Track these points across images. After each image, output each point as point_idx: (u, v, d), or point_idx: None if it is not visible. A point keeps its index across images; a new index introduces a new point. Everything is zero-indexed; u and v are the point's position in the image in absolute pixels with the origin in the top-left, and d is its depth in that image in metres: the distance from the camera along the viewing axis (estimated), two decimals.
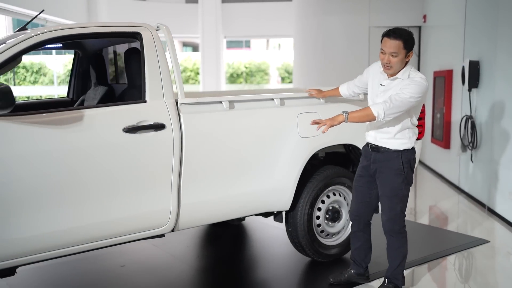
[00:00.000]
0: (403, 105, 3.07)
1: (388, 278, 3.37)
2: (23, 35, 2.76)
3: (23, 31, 3.29)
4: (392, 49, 3.08)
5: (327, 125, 3.14)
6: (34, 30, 2.84)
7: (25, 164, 2.59)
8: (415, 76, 3.16)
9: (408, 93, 3.06)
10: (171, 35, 3.26)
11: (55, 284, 3.62)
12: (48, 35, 2.80)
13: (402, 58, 3.12)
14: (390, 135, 3.26)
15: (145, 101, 3.05)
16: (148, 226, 3.06)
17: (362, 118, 3.14)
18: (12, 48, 2.68)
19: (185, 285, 3.68)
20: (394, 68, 3.15)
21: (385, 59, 3.13)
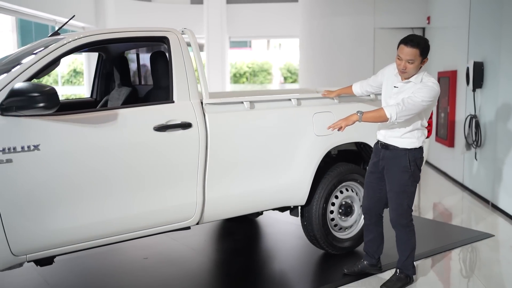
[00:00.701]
0: (415, 108, 3.26)
1: (399, 268, 3.56)
2: (62, 40, 2.95)
3: (56, 36, 3.50)
4: (409, 57, 3.26)
5: (342, 126, 3.33)
6: (71, 35, 3.03)
7: (69, 159, 2.78)
8: (428, 80, 3.34)
9: (420, 97, 3.25)
10: (195, 38, 3.46)
11: (83, 274, 3.81)
12: (86, 39, 3.00)
13: (418, 65, 3.30)
14: (399, 134, 3.45)
15: (173, 101, 3.25)
16: (175, 219, 3.25)
17: (375, 118, 3.33)
18: (53, 52, 2.88)
19: (205, 276, 3.89)
20: (409, 73, 3.33)
21: (401, 65, 3.31)
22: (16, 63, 2.98)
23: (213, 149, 3.32)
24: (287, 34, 15.68)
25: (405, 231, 3.49)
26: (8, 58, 3.42)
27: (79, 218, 2.86)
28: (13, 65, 3.11)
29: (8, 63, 3.23)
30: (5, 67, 3.16)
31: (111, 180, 2.95)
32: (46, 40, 3.40)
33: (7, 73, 2.82)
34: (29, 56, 3.10)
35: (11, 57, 3.42)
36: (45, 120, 2.75)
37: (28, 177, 2.68)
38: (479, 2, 6.21)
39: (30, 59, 2.84)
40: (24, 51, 3.32)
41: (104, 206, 2.94)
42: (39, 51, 2.97)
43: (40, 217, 2.74)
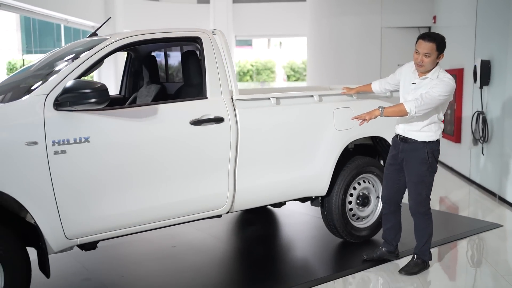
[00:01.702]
0: (432, 103, 3.49)
1: (416, 254, 3.80)
2: (106, 41, 3.18)
3: (94, 36, 3.74)
4: (426, 50, 3.50)
5: (366, 119, 3.56)
6: (114, 36, 3.25)
7: (116, 151, 3.01)
8: (444, 76, 3.58)
9: (437, 92, 3.48)
10: (225, 38, 3.69)
11: (117, 260, 4.04)
12: (129, 40, 3.23)
13: (434, 59, 3.54)
14: (417, 128, 3.68)
15: (206, 97, 3.47)
16: (209, 207, 3.48)
17: (396, 113, 3.56)
18: (99, 52, 3.10)
19: (231, 262, 4.12)
20: (425, 67, 3.56)
21: (418, 58, 3.55)
22: (63, 63, 3.21)
23: (243, 142, 3.54)
24: (292, 33, 15.91)
25: (423, 218, 3.73)
26: (46, 60, 3.66)
27: (124, 205, 3.09)
28: (55, 66, 3.35)
29: (50, 64, 3.48)
30: (46, 69, 3.41)
31: (152, 170, 3.17)
32: (85, 41, 3.64)
33: (56, 73, 3.03)
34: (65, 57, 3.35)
35: (49, 59, 3.66)
36: (94, 114, 2.98)
37: (80, 167, 2.91)
38: (486, 2, 6.44)
39: (79, 59, 3.06)
40: (66, 51, 3.55)
41: (146, 194, 3.17)
42: (84, 51, 3.19)
43: (90, 204, 2.96)
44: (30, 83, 3.28)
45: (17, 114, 2.79)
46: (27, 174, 2.74)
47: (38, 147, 2.77)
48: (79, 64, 3.03)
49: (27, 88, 3.09)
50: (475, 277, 3.86)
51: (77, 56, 3.22)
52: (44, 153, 2.79)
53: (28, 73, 3.58)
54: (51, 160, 2.81)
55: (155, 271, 3.83)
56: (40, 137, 2.78)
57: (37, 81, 3.21)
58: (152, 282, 3.63)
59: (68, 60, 3.31)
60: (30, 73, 3.54)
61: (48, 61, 3.63)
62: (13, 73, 3.83)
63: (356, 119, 3.64)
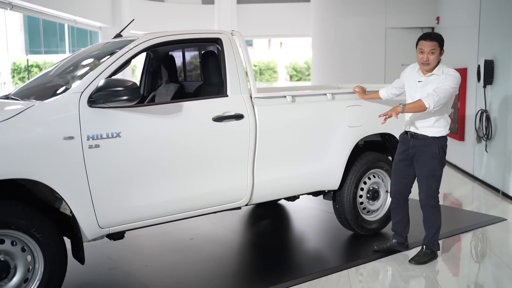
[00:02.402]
0: (446, 96, 3.70)
1: (426, 245, 3.99)
2: (134, 42, 3.37)
3: (119, 37, 3.93)
4: (431, 48, 3.74)
5: (393, 115, 3.73)
6: (142, 37, 3.44)
7: (144, 145, 3.20)
8: (449, 71, 3.79)
9: (448, 85, 3.69)
10: (243, 39, 3.88)
11: (139, 251, 4.23)
12: (155, 41, 3.42)
13: (437, 55, 3.76)
14: (429, 124, 3.87)
15: (227, 95, 3.66)
16: (230, 199, 3.67)
17: (416, 108, 3.75)
18: (128, 52, 3.29)
19: (247, 253, 4.31)
20: (431, 64, 3.77)
21: (424, 57, 3.76)
22: (93, 62, 3.40)
23: (261, 137, 3.73)
24: (296, 33, 16.10)
25: (433, 211, 3.92)
26: (71, 60, 3.86)
27: (152, 197, 3.27)
28: (84, 65, 3.55)
29: (78, 64, 3.67)
30: (75, 68, 3.60)
31: (178, 164, 3.36)
32: (110, 42, 3.83)
33: (87, 72, 3.22)
34: (94, 57, 3.54)
35: (73, 59, 3.86)
36: (125, 111, 3.17)
37: (112, 161, 3.09)
38: (489, 3, 6.63)
39: (110, 59, 3.25)
40: (93, 52, 3.75)
41: (172, 186, 3.35)
42: (112, 52, 3.39)
43: (121, 195, 3.15)
44: (61, 82, 3.48)
45: (55, 111, 2.97)
46: (65, 166, 2.93)
47: (75, 141, 2.96)
48: (110, 63, 3.21)
49: (59, 87, 3.28)
50: (481, 266, 4.05)
51: (106, 56, 3.42)
52: (79, 147, 2.97)
53: (54, 73, 3.78)
54: (86, 154, 2.99)
55: (176, 261, 4.02)
56: (76, 132, 2.97)
57: (68, 80, 3.41)
58: (174, 271, 3.82)
59: (97, 59, 3.50)
60: (58, 73, 3.73)
61: (75, 61, 3.82)
62: (17, 73, 4.02)
63: (383, 116, 3.81)
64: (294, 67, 24.73)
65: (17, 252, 2.84)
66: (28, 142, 2.82)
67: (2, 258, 2.80)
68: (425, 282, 3.64)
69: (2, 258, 2.80)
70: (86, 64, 3.57)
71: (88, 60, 3.65)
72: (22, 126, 2.84)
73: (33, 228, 2.84)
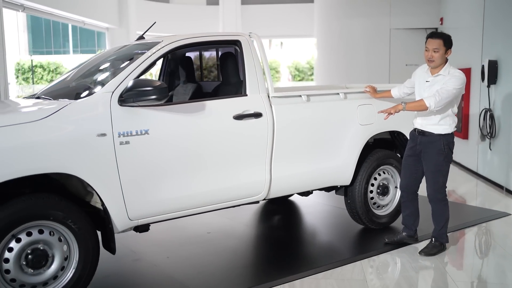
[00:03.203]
0: (448, 96, 3.88)
1: (434, 237, 4.17)
2: (160, 44, 3.55)
3: (142, 39, 4.12)
4: (435, 46, 3.92)
5: (392, 112, 3.93)
6: (167, 39, 3.63)
7: (170, 142, 3.38)
8: (454, 72, 3.97)
9: (451, 86, 3.87)
10: (261, 40, 4.06)
11: (159, 244, 4.41)
12: (179, 43, 3.60)
13: (442, 54, 3.94)
14: (434, 122, 4.06)
15: (246, 95, 3.85)
16: (249, 193, 3.85)
17: (417, 107, 3.94)
18: (155, 53, 3.48)
19: (262, 246, 4.50)
20: (436, 62, 3.96)
21: (429, 54, 3.96)
22: (121, 63, 3.59)
23: (278, 135, 3.92)
24: (300, 33, 16.29)
25: (440, 204, 4.10)
26: (96, 61, 4.05)
27: (178, 191, 3.46)
28: (112, 66, 3.74)
29: (105, 64, 3.86)
30: (103, 69, 3.79)
31: (202, 159, 3.54)
32: (133, 44, 4.02)
33: (117, 73, 3.41)
34: (120, 59, 3.73)
35: (98, 60, 4.05)
36: (152, 109, 3.35)
37: (141, 156, 3.27)
38: (493, 4, 6.81)
39: (138, 60, 3.43)
40: (119, 53, 3.93)
41: (196, 181, 3.54)
42: (137, 53, 3.58)
43: (149, 189, 3.33)
44: (89, 82, 3.67)
45: (88, 109, 3.15)
46: (98, 161, 3.11)
47: (107, 138, 3.14)
48: (138, 64, 3.40)
49: (88, 87, 3.46)
50: (487, 257, 4.24)
51: (131, 57, 3.60)
52: (111, 144, 3.16)
53: (80, 73, 3.96)
54: (117, 150, 3.18)
55: (195, 253, 4.20)
56: (108, 130, 3.15)
57: (96, 81, 3.59)
58: (195, 262, 4.00)
59: (122, 61, 3.69)
60: (83, 74, 3.92)
61: (99, 62, 4.01)
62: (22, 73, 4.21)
63: (382, 113, 4.00)
64: (297, 67, 24.94)
65: (54, 242, 3.03)
66: (64, 138, 3.01)
67: (41, 247, 2.98)
68: (435, 272, 3.83)
69: (41, 247, 2.98)
70: (112, 65, 3.76)
71: (113, 61, 3.84)
72: (59, 124, 3.02)
73: (69, 220, 3.03)
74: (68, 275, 3.08)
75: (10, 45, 29.20)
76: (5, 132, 2.84)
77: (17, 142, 2.85)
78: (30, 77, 25.16)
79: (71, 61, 23.83)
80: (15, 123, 2.90)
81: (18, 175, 2.84)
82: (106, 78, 3.46)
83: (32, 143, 2.90)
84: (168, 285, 3.58)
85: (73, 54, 22.82)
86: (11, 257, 2.88)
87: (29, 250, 2.94)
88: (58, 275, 3.05)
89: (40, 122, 2.96)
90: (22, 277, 2.92)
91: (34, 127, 2.93)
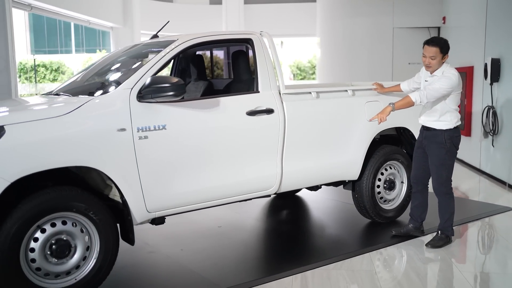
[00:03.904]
0: (435, 94, 4.03)
1: (440, 230, 4.30)
2: (175, 42, 3.67)
3: (155, 38, 4.24)
4: (431, 54, 4.06)
5: (383, 118, 4.07)
6: (182, 38, 3.75)
7: (187, 137, 3.49)
8: (448, 72, 4.09)
9: (438, 85, 4.02)
10: (272, 39, 4.18)
11: (173, 238, 4.53)
12: (194, 41, 3.72)
13: (439, 60, 4.08)
14: (435, 118, 4.19)
15: (258, 91, 3.96)
16: (261, 187, 3.97)
17: (405, 105, 4.11)
18: (170, 52, 3.59)
19: (272, 239, 4.62)
20: (433, 68, 4.12)
21: (426, 61, 4.11)
22: (137, 61, 3.71)
23: (289, 130, 4.03)
24: (302, 33, 16.39)
25: (445, 197, 4.23)
26: (111, 59, 4.16)
27: (194, 184, 3.57)
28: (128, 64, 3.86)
29: (121, 62, 3.98)
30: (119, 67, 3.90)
31: (217, 154, 3.66)
32: (148, 42, 4.14)
33: (134, 70, 3.52)
34: (135, 57, 3.85)
35: (112, 58, 4.16)
36: (169, 105, 3.47)
37: (159, 151, 3.39)
38: (495, 4, 6.93)
39: (155, 58, 3.55)
40: (134, 52, 4.05)
41: (211, 174, 3.65)
42: (152, 51, 3.69)
43: (166, 182, 3.45)
44: (106, 79, 3.78)
45: (108, 105, 3.27)
46: (118, 155, 3.23)
47: (126, 133, 3.26)
48: (156, 62, 3.51)
49: (106, 84, 3.58)
50: (492, 249, 4.36)
51: (146, 55, 3.72)
52: (131, 138, 3.27)
53: (95, 71, 4.08)
54: (136, 144, 3.29)
55: (208, 246, 4.32)
56: (128, 125, 3.27)
57: (113, 78, 3.71)
58: (209, 254, 4.12)
59: (138, 58, 3.81)
60: (99, 71, 4.04)
61: (114, 60, 4.13)
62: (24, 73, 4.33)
63: (377, 120, 4.12)
64: (298, 66, 25.06)
65: (77, 233, 3.15)
66: (86, 133, 3.13)
67: (65, 238, 3.10)
68: (441, 263, 3.95)
69: (64, 238, 3.10)
70: (129, 62, 3.88)
71: (129, 59, 3.95)
72: (81, 119, 3.14)
73: (91, 211, 3.15)
74: (89, 264, 3.20)
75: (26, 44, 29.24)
76: (31, 127, 2.96)
77: (43, 137, 2.97)
78: (33, 76, 25.25)
79: (74, 61, 23.88)
80: (40, 118, 3.02)
81: (44, 168, 2.96)
82: (123, 76, 3.57)
83: (56, 137, 3.01)
84: (184, 276, 3.70)
85: (75, 53, 22.90)
86: (37, 246, 3.00)
87: (53, 240, 3.06)
88: (80, 265, 3.17)
89: (63, 118, 3.08)
90: (46, 266, 3.05)
91: (58, 122, 3.05)
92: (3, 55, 6.99)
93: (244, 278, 3.62)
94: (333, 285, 3.51)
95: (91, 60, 22.99)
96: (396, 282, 3.59)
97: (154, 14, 15.45)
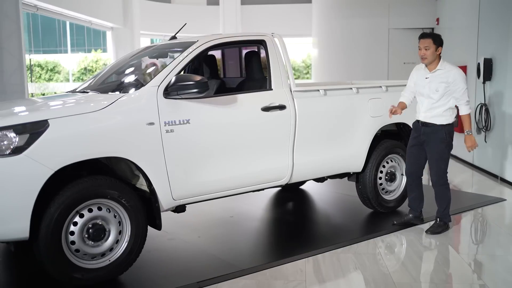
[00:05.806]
0: (467, 92, 4.45)
1: (439, 217, 4.63)
2: (196, 43, 3.97)
3: (174, 39, 4.53)
4: (425, 44, 4.43)
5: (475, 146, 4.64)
6: (202, 39, 4.05)
7: (209, 130, 3.79)
8: (452, 68, 4.44)
9: (461, 86, 4.41)
10: (283, 40, 4.49)
11: (187, 226, 4.81)
12: (213, 42, 4.03)
13: (433, 51, 4.43)
14: (438, 113, 4.51)
15: (271, 89, 4.27)
16: (274, 178, 4.27)
17: (469, 121, 4.55)
18: (192, 52, 3.90)
19: (282, 227, 4.93)
20: (428, 59, 4.45)
21: (421, 52, 4.47)
22: (159, 60, 4.01)
23: (300, 125, 4.34)
24: (298, 33, 16.69)
25: (443, 187, 4.56)
26: (133, 58, 4.45)
27: (215, 174, 3.87)
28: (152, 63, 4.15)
29: (141, 62, 4.27)
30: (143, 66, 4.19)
31: (235, 146, 3.97)
32: (167, 43, 4.43)
33: (157, 70, 3.82)
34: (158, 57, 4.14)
35: (134, 57, 4.45)
36: (192, 101, 3.77)
37: (183, 143, 3.68)
38: (488, 5, 7.29)
39: (178, 58, 3.84)
40: (155, 51, 4.34)
41: (231, 165, 3.95)
42: (174, 51, 3.99)
43: (190, 172, 3.75)
44: (133, 78, 4.07)
45: (138, 101, 3.57)
46: (148, 147, 3.52)
47: (155, 126, 3.55)
48: (179, 61, 3.81)
49: (134, 81, 3.87)
50: (487, 234, 4.71)
51: (167, 54, 4.02)
52: (158, 132, 3.57)
53: (118, 70, 4.37)
54: (163, 137, 3.59)
55: (223, 233, 4.62)
56: (156, 119, 3.56)
57: (140, 76, 4.00)
58: (225, 239, 4.43)
59: (160, 57, 4.11)
60: (123, 70, 4.33)
61: (137, 59, 4.42)
62: None
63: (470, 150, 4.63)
64: (292, 65, 25.43)
65: (110, 218, 3.44)
66: (119, 127, 3.42)
67: (100, 222, 3.39)
68: (440, 247, 4.28)
69: (100, 222, 3.39)
70: (153, 62, 4.17)
71: (152, 59, 4.25)
72: (114, 114, 3.43)
73: (123, 198, 3.44)
74: (122, 247, 3.49)
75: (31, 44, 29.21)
76: (71, 121, 3.25)
77: (82, 129, 3.27)
78: (29, 76, 25.40)
79: (69, 60, 24.01)
80: (79, 113, 3.31)
81: (84, 158, 3.26)
82: (149, 74, 3.87)
83: (93, 130, 3.31)
84: (204, 258, 4.00)
85: (71, 53, 23.05)
86: (76, 230, 3.30)
87: (90, 225, 3.35)
88: (114, 247, 3.46)
89: (99, 112, 3.37)
90: (84, 248, 3.34)
91: (95, 117, 3.34)
92: (16, 55, 7.24)
93: (261, 261, 3.92)
94: (343, 266, 3.83)
95: (86, 59, 23.16)
96: (401, 263, 3.92)
97: (152, 14, 15.70)
